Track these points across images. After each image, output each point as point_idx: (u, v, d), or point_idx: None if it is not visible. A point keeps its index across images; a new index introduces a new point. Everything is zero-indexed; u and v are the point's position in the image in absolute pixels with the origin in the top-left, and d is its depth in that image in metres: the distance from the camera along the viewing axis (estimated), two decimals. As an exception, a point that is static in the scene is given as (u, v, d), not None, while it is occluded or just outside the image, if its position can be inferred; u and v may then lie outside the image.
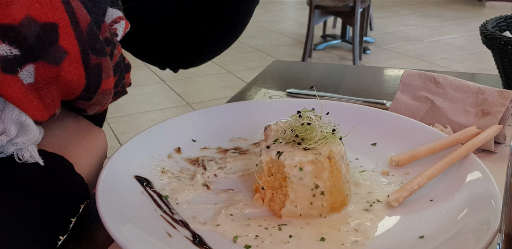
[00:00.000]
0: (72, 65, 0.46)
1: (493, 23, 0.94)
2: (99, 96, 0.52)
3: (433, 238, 0.49)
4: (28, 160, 0.49)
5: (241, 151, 0.69)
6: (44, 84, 0.46)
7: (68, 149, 0.55)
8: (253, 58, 4.61)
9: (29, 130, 0.47)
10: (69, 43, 0.45)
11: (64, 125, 0.57)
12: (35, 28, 0.43)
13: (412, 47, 4.99)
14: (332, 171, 0.54)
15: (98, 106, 0.55)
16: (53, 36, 0.44)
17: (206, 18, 0.76)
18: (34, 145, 0.50)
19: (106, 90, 0.52)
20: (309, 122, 0.56)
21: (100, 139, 0.61)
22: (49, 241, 0.49)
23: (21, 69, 0.43)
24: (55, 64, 0.45)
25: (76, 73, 0.47)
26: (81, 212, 0.53)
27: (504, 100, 0.71)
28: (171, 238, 0.49)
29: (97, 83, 0.50)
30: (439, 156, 0.61)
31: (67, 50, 0.45)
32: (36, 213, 0.48)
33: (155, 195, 0.56)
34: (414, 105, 0.78)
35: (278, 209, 0.54)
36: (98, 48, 0.48)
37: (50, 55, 0.44)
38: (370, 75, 1.08)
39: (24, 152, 0.49)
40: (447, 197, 0.55)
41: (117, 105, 3.43)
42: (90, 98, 0.52)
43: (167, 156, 0.65)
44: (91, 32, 0.47)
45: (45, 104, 0.47)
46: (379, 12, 6.57)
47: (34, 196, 0.49)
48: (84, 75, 0.48)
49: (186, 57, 0.83)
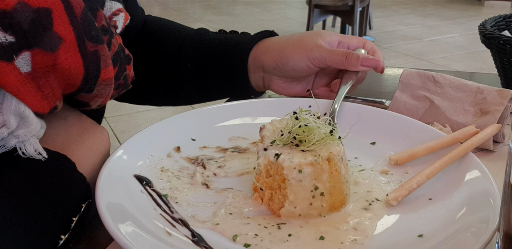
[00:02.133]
0: (68, 52, 0.46)
1: (492, 22, 0.94)
2: (100, 87, 0.52)
3: (432, 237, 0.49)
4: (33, 155, 0.49)
5: (241, 150, 0.69)
6: (41, 73, 0.45)
7: (71, 148, 0.55)
8: (252, 57, 4.61)
9: (28, 121, 0.47)
10: (64, 29, 0.45)
11: (67, 124, 0.57)
12: (29, 13, 0.43)
13: (411, 46, 4.99)
14: (331, 172, 0.54)
15: (101, 98, 0.55)
16: (47, 22, 0.44)
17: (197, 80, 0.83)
18: (36, 138, 0.49)
19: (106, 80, 0.52)
20: (306, 124, 0.55)
21: (103, 138, 0.61)
22: (50, 240, 0.49)
23: (17, 57, 0.43)
24: (51, 51, 0.45)
25: (73, 60, 0.46)
26: (83, 211, 0.53)
27: (503, 99, 0.71)
28: (171, 237, 0.49)
29: (96, 72, 0.50)
30: (438, 155, 0.61)
31: (62, 36, 0.45)
32: (37, 212, 0.48)
33: (155, 194, 0.56)
34: (413, 105, 0.78)
35: (277, 209, 0.54)
36: (94, 35, 0.48)
37: (45, 41, 0.44)
38: (369, 74, 1.08)
39: (27, 145, 0.48)
40: (446, 196, 0.56)
41: (116, 104, 3.41)
42: (91, 89, 0.51)
43: (167, 155, 0.65)
44: (85, 18, 0.47)
45: (44, 94, 0.47)
46: (378, 11, 6.56)
47: (36, 195, 0.49)
48: (81, 63, 0.47)
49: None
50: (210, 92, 0.85)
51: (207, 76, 0.82)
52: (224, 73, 0.80)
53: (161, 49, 0.83)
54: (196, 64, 0.81)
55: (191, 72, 0.82)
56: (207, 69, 0.81)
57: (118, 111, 3.34)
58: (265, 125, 0.61)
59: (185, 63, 0.81)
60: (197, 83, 0.83)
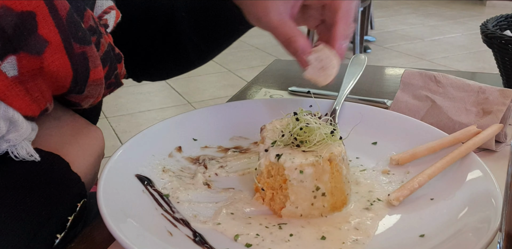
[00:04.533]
0: (55, 55, 0.45)
1: (494, 22, 0.94)
2: (90, 88, 0.51)
3: (434, 237, 0.49)
4: (25, 157, 0.49)
5: (242, 149, 0.69)
6: (29, 77, 0.45)
7: (65, 148, 0.55)
8: (254, 57, 4.61)
9: (18, 125, 0.46)
10: (49, 32, 0.44)
11: (61, 124, 0.57)
12: (12, 18, 0.42)
13: (413, 46, 4.98)
14: (333, 172, 0.54)
15: (92, 98, 0.54)
16: (31, 25, 0.43)
17: (196, 30, 0.76)
18: (27, 141, 0.49)
19: (96, 81, 0.51)
20: (307, 124, 0.55)
21: (97, 138, 0.61)
22: (46, 239, 0.50)
23: (3, 62, 0.42)
24: (37, 55, 0.44)
25: (60, 63, 0.46)
26: (78, 210, 0.54)
27: (505, 99, 0.71)
28: (172, 236, 0.49)
29: (85, 73, 0.49)
30: (440, 155, 0.61)
31: (47, 39, 0.44)
32: (32, 212, 0.48)
33: (156, 194, 0.56)
34: (415, 105, 0.78)
35: (279, 209, 0.54)
36: (81, 36, 0.47)
37: (30, 45, 0.43)
38: (370, 74, 1.08)
39: (19, 149, 0.48)
40: (447, 196, 0.55)
41: (118, 104, 3.43)
42: (81, 90, 0.51)
43: (168, 155, 0.65)
44: (71, 19, 0.46)
45: (33, 98, 0.46)
46: (379, 11, 6.56)
47: (30, 194, 0.49)
48: (69, 65, 0.47)
49: (166, 67, 0.84)
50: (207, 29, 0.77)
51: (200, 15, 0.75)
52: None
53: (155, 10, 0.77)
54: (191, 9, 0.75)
55: (187, 20, 0.76)
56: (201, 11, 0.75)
57: (119, 111, 3.34)
58: (266, 125, 0.61)
59: (181, 14, 0.75)
60: (195, 30, 0.76)
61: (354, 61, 0.91)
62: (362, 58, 0.91)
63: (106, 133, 0.66)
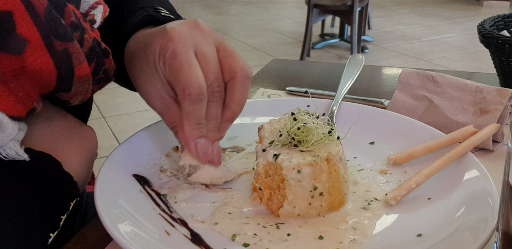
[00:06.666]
0: (36, 53, 0.45)
1: (491, 22, 0.94)
2: (77, 85, 0.51)
3: (431, 236, 0.49)
4: (15, 157, 0.48)
5: (239, 149, 0.69)
6: (11, 77, 0.44)
7: (57, 148, 0.55)
8: (251, 57, 4.61)
9: (3, 126, 0.46)
10: (28, 30, 0.44)
11: (53, 124, 0.57)
12: None
13: (410, 46, 4.99)
14: (330, 172, 0.54)
15: (80, 95, 0.53)
16: (9, 25, 0.43)
17: None
18: (15, 141, 0.49)
19: (82, 77, 0.50)
20: (305, 124, 0.55)
21: (90, 138, 0.61)
22: (39, 238, 0.50)
23: None
24: (17, 54, 0.43)
25: (42, 61, 0.45)
26: (71, 209, 0.54)
27: (503, 98, 0.71)
28: (170, 236, 0.49)
29: (70, 70, 0.48)
30: (437, 155, 0.61)
31: (27, 38, 0.44)
32: (24, 211, 0.48)
33: (154, 194, 0.56)
34: (412, 104, 0.78)
35: (276, 208, 0.54)
36: (62, 33, 0.46)
37: (9, 45, 0.43)
38: (368, 74, 1.08)
39: (7, 149, 0.48)
40: (444, 196, 0.56)
41: (115, 104, 3.42)
42: (68, 88, 0.50)
43: (166, 155, 0.65)
44: (50, 16, 0.45)
45: (17, 98, 0.46)
46: (377, 11, 6.57)
47: (22, 194, 0.49)
48: (52, 62, 0.46)
49: None
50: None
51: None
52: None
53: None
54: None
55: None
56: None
57: (117, 111, 3.34)
58: (264, 125, 0.61)
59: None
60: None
61: (351, 61, 0.91)
62: (360, 58, 0.91)
63: (103, 132, 0.66)
